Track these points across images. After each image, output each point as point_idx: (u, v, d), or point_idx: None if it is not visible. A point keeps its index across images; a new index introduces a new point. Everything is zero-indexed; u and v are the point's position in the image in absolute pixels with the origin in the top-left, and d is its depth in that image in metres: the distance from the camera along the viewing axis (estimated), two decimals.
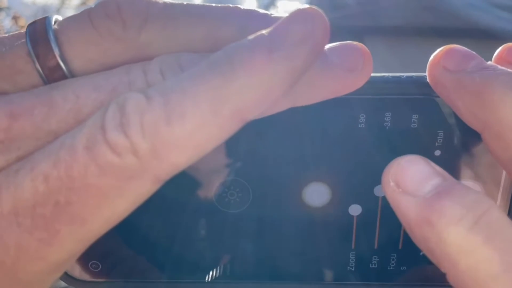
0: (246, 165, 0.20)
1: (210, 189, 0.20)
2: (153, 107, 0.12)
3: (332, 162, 0.20)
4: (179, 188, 0.20)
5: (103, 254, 0.22)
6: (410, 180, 0.16)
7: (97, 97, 0.15)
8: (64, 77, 0.16)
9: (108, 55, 0.16)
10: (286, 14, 0.15)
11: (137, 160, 0.13)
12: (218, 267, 0.21)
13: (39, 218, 0.14)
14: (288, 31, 0.14)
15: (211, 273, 0.22)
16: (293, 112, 0.17)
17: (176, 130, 0.12)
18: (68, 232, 0.14)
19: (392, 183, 0.16)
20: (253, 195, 0.20)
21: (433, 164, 0.16)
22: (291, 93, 0.16)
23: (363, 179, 0.20)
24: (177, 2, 0.16)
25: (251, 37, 0.14)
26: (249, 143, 0.19)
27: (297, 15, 0.14)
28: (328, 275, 0.22)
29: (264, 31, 0.14)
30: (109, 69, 0.16)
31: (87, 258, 0.22)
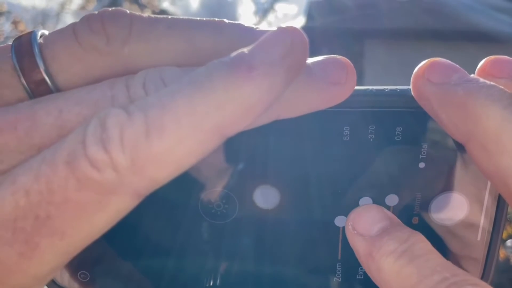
0: (231, 177, 0.20)
1: (197, 199, 0.20)
2: (133, 123, 0.12)
3: (317, 174, 0.20)
4: (168, 199, 0.20)
5: (92, 264, 0.22)
6: (363, 224, 0.18)
7: (80, 112, 0.15)
8: (49, 91, 0.16)
9: (93, 69, 0.16)
10: (271, 28, 0.15)
11: (116, 175, 0.13)
12: (206, 278, 0.22)
13: (19, 232, 0.14)
14: (268, 49, 0.14)
15: (199, 283, 0.22)
16: (278, 125, 0.17)
17: (155, 145, 0.13)
18: (48, 245, 0.14)
19: (350, 227, 0.19)
20: (239, 206, 0.20)
21: (384, 210, 0.19)
22: (275, 106, 0.16)
23: (348, 191, 0.20)
24: (162, 16, 0.16)
25: (233, 54, 0.14)
26: (235, 155, 0.20)
27: (277, 33, 0.15)
28: (315, 286, 0.22)
29: (245, 49, 0.14)
30: (94, 83, 0.16)
31: (76, 268, 0.22)
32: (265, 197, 0.19)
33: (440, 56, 0.17)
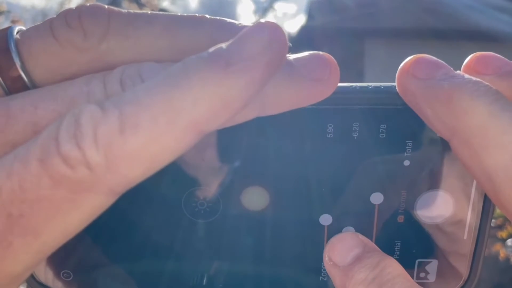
0: (212, 175, 0.20)
1: (180, 198, 0.20)
2: (107, 119, 0.12)
3: (300, 172, 0.19)
4: (150, 197, 0.20)
5: (75, 263, 0.22)
6: (337, 254, 0.19)
7: (55, 108, 0.15)
8: (25, 87, 0.16)
9: (70, 65, 0.16)
10: (252, 24, 0.15)
11: (90, 172, 0.13)
12: (191, 278, 0.21)
13: None
14: (246, 44, 0.14)
15: (182, 281, 0.21)
16: (259, 122, 0.17)
17: (130, 142, 0.12)
18: (22, 244, 0.14)
19: (327, 258, 0.19)
20: (223, 205, 0.20)
21: (360, 236, 0.19)
22: (257, 103, 0.16)
23: (332, 189, 0.20)
24: (141, 12, 0.16)
25: (211, 49, 0.14)
26: (216, 152, 0.19)
27: (255, 29, 0.14)
28: (300, 285, 0.22)
29: (223, 44, 0.14)
30: (71, 79, 0.16)
31: (58, 267, 0.22)
32: (247, 196, 0.19)
33: (440, 55, 0.17)
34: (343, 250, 0.19)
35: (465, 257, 0.19)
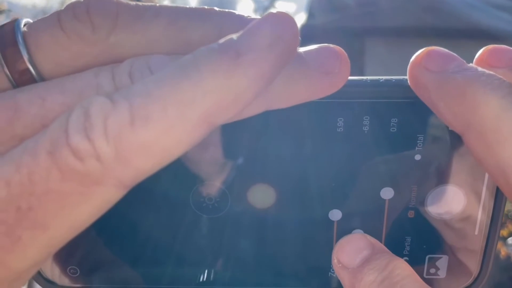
0: (220, 169, 0.20)
1: (188, 193, 0.20)
2: (118, 111, 0.12)
3: (310, 167, 0.19)
4: (158, 192, 0.20)
5: (81, 259, 0.21)
6: (346, 256, 0.19)
7: (64, 101, 0.15)
8: (33, 81, 0.16)
9: (78, 58, 0.16)
10: (263, 15, 0.15)
11: (100, 165, 0.13)
12: (198, 273, 0.21)
13: (0, 224, 0.13)
14: (257, 35, 0.14)
15: (190, 278, 0.21)
16: (268, 116, 0.16)
17: (141, 134, 0.12)
18: (30, 238, 0.14)
19: (335, 260, 0.19)
20: (231, 200, 0.19)
21: (368, 238, 0.19)
22: (266, 96, 0.16)
23: (342, 184, 0.19)
24: (149, 4, 0.16)
25: (221, 41, 0.14)
26: (224, 147, 0.19)
27: (266, 19, 0.14)
28: (309, 281, 0.21)
29: (233, 35, 0.14)
30: (79, 72, 0.16)
31: (65, 263, 0.22)
32: (256, 191, 0.19)
33: None
34: (351, 251, 0.19)
35: (476, 253, 0.19)
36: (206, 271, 0.20)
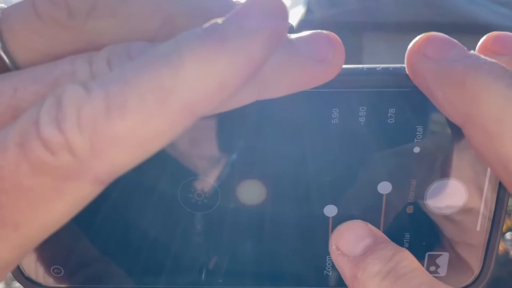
0: (213, 164, 0.19)
1: (176, 189, 0.19)
2: (92, 100, 0.11)
3: (303, 161, 0.18)
4: (144, 188, 0.19)
5: (65, 258, 0.21)
6: (346, 243, 0.18)
7: (38, 90, 0.14)
8: (7, 69, 0.15)
9: (54, 45, 0.15)
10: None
11: (73, 158, 0.12)
12: (186, 271, 0.20)
13: None
14: (243, 19, 0.13)
15: (178, 277, 0.20)
16: (259, 106, 0.16)
17: (117, 125, 0.11)
18: (0, 237, 0.13)
19: (334, 246, 0.18)
20: (221, 196, 0.19)
21: (369, 226, 0.18)
22: (256, 85, 0.15)
23: (338, 179, 0.19)
24: None
25: (205, 25, 0.13)
26: (213, 139, 0.18)
27: (253, 1, 0.13)
28: (304, 278, 0.21)
29: (218, 19, 0.13)
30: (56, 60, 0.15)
31: (48, 262, 0.21)
32: (247, 186, 0.18)
33: None
34: (352, 239, 0.18)
35: (477, 250, 0.19)
36: (195, 269, 0.20)
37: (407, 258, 0.17)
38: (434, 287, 0.16)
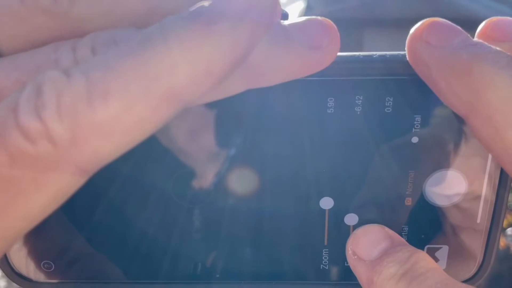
0: (203, 156, 0.18)
1: (169, 182, 0.19)
2: (73, 86, 0.11)
3: (298, 152, 0.18)
4: (135, 180, 0.19)
5: (56, 253, 0.20)
6: (362, 248, 0.18)
7: (19, 78, 0.13)
8: None
9: (38, 32, 0.14)
10: None
11: (53, 148, 0.12)
12: (178, 266, 0.20)
13: None
14: (231, 1, 0.13)
15: (170, 272, 0.20)
16: (251, 95, 0.15)
17: (99, 112, 0.11)
18: None
19: (350, 252, 0.18)
20: (214, 189, 0.18)
21: (386, 229, 0.18)
22: (247, 73, 0.14)
23: (334, 170, 0.18)
24: None
25: (191, 8, 0.13)
26: (207, 131, 0.18)
27: None
28: (301, 272, 0.20)
29: (205, 2, 0.13)
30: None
31: (38, 257, 0.21)
32: (240, 178, 0.18)
33: None
34: (369, 243, 0.18)
35: (478, 242, 0.18)
36: (188, 263, 0.19)
37: (423, 259, 0.17)
38: (449, 285, 0.16)
